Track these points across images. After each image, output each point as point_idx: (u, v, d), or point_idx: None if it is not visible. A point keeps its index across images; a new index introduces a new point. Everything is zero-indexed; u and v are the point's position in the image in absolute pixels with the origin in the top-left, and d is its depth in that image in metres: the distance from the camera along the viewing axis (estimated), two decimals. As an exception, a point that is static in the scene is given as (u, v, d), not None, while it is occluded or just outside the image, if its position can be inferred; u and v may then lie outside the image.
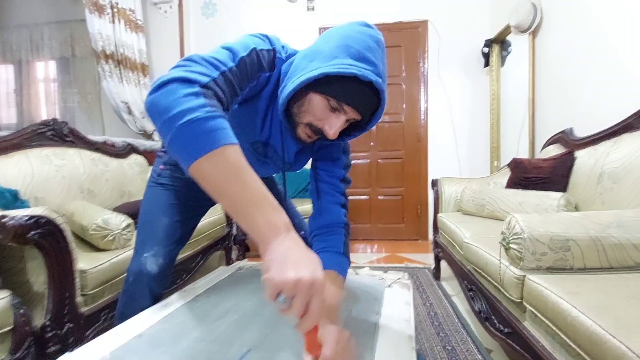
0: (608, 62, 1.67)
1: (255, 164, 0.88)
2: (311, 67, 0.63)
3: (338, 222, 0.87)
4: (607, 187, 1.35)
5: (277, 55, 0.73)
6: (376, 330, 0.77)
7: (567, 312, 0.79)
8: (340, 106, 0.65)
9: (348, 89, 0.63)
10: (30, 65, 3.46)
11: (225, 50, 0.64)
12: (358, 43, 0.64)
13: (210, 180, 0.51)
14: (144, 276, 0.91)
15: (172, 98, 0.50)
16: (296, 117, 0.70)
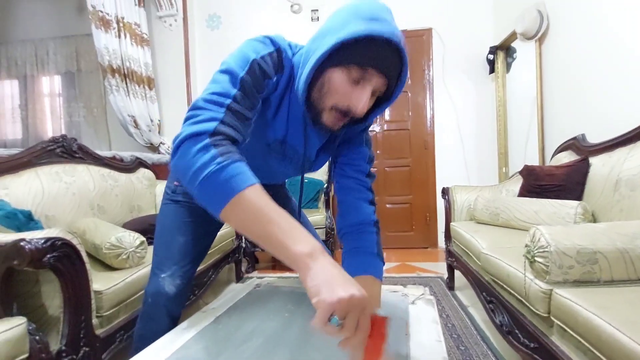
0: (617, 68, 1.66)
1: (275, 164, 0.86)
2: (325, 42, 0.60)
3: (368, 220, 0.84)
4: (625, 195, 1.33)
5: (284, 55, 0.70)
6: (408, 354, 0.75)
7: (600, 328, 0.77)
8: (364, 72, 0.61)
9: (368, 50, 0.59)
10: (35, 80, 3.48)
11: (225, 76, 0.63)
12: (368, 7, 0.61)
13: (238, 226, 0.55)
14: (162, 297, 0.89)
15: (187, 159, 0.55)
16: (319, 103, 0.66)
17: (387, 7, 0.65)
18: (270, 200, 0.54)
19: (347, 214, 0.85)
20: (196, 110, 0.60)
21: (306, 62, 0.64)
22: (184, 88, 3.14)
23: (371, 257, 0.81)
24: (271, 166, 0.87)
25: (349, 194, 0.85)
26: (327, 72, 0.63)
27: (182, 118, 2.29)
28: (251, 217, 0.53)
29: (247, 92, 0.63)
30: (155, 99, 2.98)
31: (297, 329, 0.85)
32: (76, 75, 3.38)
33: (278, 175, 0.95)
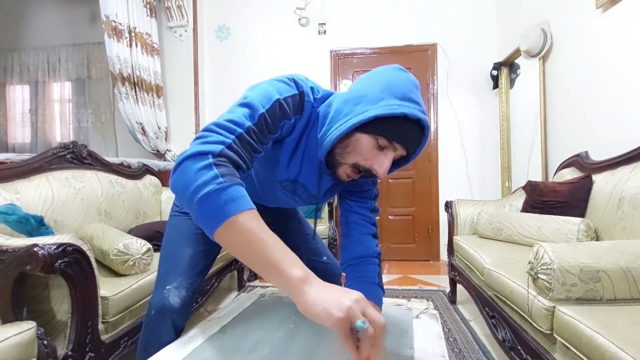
0: (620, 87, 1.69)
1: (283, 197, 0.90)
2: (358, 110, 0.65)
3: (371, 253, 0.88)
4: (628, 213, 1.34)
5: (306, 99, 0.74)
6: (413, 349, 0.76)
7: (604, 347, 0.78)
8: (391, 144, 0.66)
9: (398, 127, 0.65)
10: (46, 86, 3.55)
11: (244, 109, 0.66)
12: (401, 85, 0.67)
13: (230, 247, 0.56)
14: (167, 310, 0.88)
15: (188, 175, 0.56)
16: (339, 157, 0.70)
17: (417, 84, 0.71)
18: (265, 227, 0.56)
19: (352, 247, 0.90)
20: (206, 132, 0.62)
21: (336, 121, 0.68)
22: (191, 97, 3.19)
23: (373, 285, 0.86)
24: (279, 199, 0.91)
25: (354, 228, 0.90)
26: (356, 135, 0.67)
27: (189, 126, 2.38)
28: (245, 241, 0.54)
29: (262, 129, 0.66)
30: (163, 107, 3.02)
31: (303, 340, 0.86)
32: (86, 82, 3.45)
33: (284, 205, 0.98)
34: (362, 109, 0.65)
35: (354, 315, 0.48)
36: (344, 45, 3.22)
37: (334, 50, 3.23)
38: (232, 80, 3.30)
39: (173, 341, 0.86)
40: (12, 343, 0.85)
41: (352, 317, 0.48)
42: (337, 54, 3.24)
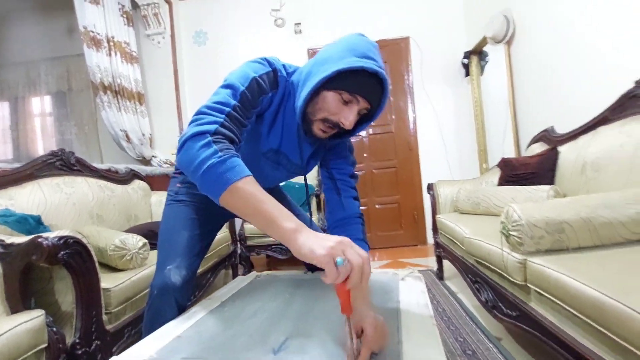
0: (579, 63, 1.82)
1: (269, 170, 0.97)
2: (323, 69, 0.74)
3: (354, 214, 0.96)
4: (591, 177, 1.46)
5: (279, 74, 0.83)
6: (399, 315, 0.83)
7: (569, 285, 0.87)
8: (353, 97, 0.75)
9: (358, 81, 0.73)
10: (26, 101, 3.51)
11: (227, 90, 0.75)
12: (361, 46, 0.75)
13: (235, 209, 0.65)
14: (169, 288, 0.93)
15: (192, 153, 0.66)
16: (311, 115, 0.79)
17: (376, 46, 0.80)
18: (261, 189, 0.64)
19: (336, 210, 0.98)
20: (200, 115, 0.71)
21: (306, 83, 0.77)
22: (173, 102, 3.22)
23: (357, 241, 0.92)
24: (265, 172, 0.98)
25: (336, 193, 0.99)
26: (323, 93, 0.76)
27: (172, 131, 2.47)
28: (245, 202, 0.63)
29: (245, 104, 0.75)
30: (146, 113, 3.05)
31: (299, 306, 0.94)
32: (67, 94, 3.44)
33: (271, 179, 1.05)
34: (327, 67, 0.73)
35: (334, 254, 0.53)
36: (320, 43, 3.31)
37: (311, 48, 3.32)
38: (213, 83, 3.31)
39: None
40: (23, 329, 0.89)
41: (333, 255, 0.53)
42: (314, 52, 3.33)
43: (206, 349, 0.72)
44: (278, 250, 2.47)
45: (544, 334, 0.99)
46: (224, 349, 0.71)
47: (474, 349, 1.34)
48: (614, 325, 0.72)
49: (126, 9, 2.99)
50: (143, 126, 2.95)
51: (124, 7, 2.96)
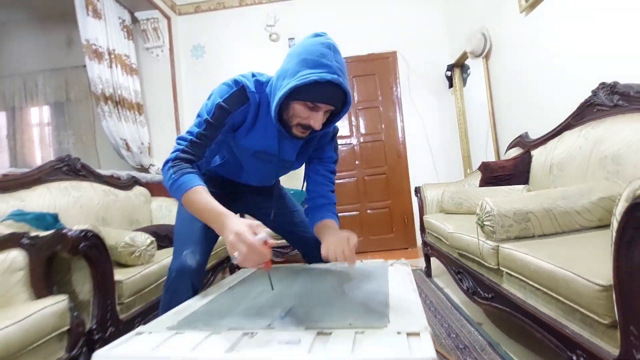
0: (548, 75, 2.01)
1: (262, 167, 1.13)
2: (284, 84, 0.86)
3: (331, 202, 1.17)
4: (557, 175, 1.63)
5: (248, 90, 0.96)
6: (387, 288, 0.97)
7: (531, 262, 1.02)
8: (315, 105, 0.88)
9: (316, 91, 0.85)
10: (24, 111, 3.59)
11: (197, 119, 0.96)
12: (312, 54, 0.85)
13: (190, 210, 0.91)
14: (186, 270, 1.06)
15: (164, 176, 0.93)
16: (288, 122, 0.94)
17: (332, 46, 0.88)
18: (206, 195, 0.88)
19: (316, 199, 1.16)
20: (179, 143, 0.95)
21: (274, 96, 0.90)
22: (172, 113, 3.34)
23: (332, 215, 1.14)
24: (261, 170, 1.14)
25: (318, 186, 1.16)
26: (292, 104, 0.90)
27: (170, 141, 2.70)
28: (193, 206, 0.89)
29: (211, 128, 0.95)
30: (145, 123, 3.16)
31: (300, 286, 1.06)
32: (65, 104, 3.52)
33: (266, 175, 1.20)
34: (285, 83, 0.85)
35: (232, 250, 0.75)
36: (313, 57, 3.49)
37: (304, 61, 3.49)
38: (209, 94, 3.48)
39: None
40: (49, 312, 0.99)
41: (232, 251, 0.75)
42: (307, 65, 3.50)
43: (221, 319, 0.83)
44: (275, 253, 2.57)
45: (514, 309, 1.13)
46: (236, 318, 0.83)
47: (457, 333, 1.47)
48: (563, 289, 0.86)
49: (126, 24, 3.13)
50: (142, 135, 3.05)
51: (124, 22, 3.10)
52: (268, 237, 0.77)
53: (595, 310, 0.77)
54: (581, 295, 0.80)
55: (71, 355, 1.05)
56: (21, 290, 1.05)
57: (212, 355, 0.64)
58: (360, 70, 3.48)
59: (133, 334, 0.78)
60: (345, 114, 1.02)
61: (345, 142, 3.50)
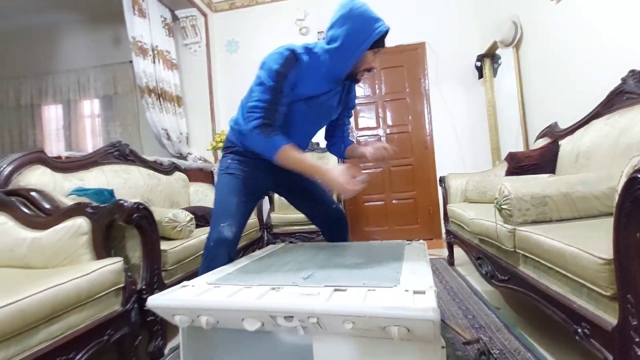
0: (580, 64, 1.97)
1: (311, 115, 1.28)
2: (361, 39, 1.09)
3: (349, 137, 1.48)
4: (583, 164, 1.62)
5: (297, 52, 1.14)
6: (403, 255, 1.06)
7: (543, 242, 1.06)
8: (379, 50, 1.16)
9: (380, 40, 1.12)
10: (77, 104, 3.95)
11: (260, 87, 1.13)
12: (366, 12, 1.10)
13: (284, 164, 1.14)
14: (223, 240, 1.20)
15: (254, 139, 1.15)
16: (356, 69, 1.18)
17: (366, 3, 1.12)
18: (295, 151, 1.12)
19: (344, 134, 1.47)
20: (250, 113, 1.14)
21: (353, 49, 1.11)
22: (207, 105, 3.54)
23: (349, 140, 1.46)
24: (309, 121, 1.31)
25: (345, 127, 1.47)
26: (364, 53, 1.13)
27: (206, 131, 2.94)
28: (288, 159, 1.12)
29: (275, 94, 1.13)
30: (184, 114, 3.38)
31: (322, 258, 1.17)
32: (113, 97, 3.84)
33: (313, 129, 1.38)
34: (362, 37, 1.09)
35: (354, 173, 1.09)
36: (341, 50, 3.56)
37: (333, 54, 3.57)
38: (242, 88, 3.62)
39: None
40: (108, 270, 1.17)
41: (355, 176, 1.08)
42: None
43: (252, 278, 0.96)
44: (301, 237, 2.70)
45: (528, 289, 1.18)
46: (265, 278, 0.95)
47: (474, 315, 1.52)
48: (570, 265, 0.91)
49: (167, 21, 3.35)
50: (181, 126, 3.28)
51: (165, 20, 3.32)
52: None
53: (598, 284, 0.81)
54: (586, 269, 0.85)
55: (125, 308, 1.22)
56: (85, 252, 1.23)
57: (244, 301, 0.77)
58: (388, 62, 3.50)
59: (179, 286, 0.93)
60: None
61: (372, 133, 3.55)
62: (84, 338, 1.06)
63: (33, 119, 4.02)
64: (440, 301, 1.71)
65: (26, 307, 0.89)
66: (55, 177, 1.61)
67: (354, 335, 0.74)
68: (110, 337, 1.14)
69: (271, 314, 0.74)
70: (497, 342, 1.25)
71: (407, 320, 0.65)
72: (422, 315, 0.64)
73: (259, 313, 0.75)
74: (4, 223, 1.28)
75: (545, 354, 1.15)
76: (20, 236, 1.26)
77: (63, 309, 1.00)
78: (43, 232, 1.25)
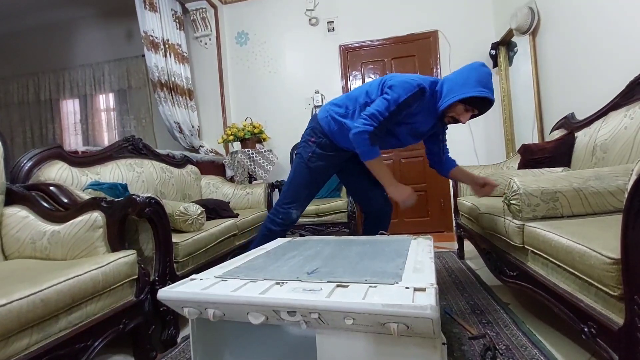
0: (599, 53, 1.89)
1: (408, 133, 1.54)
2: (463, 90, 1.32)
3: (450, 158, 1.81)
4: (600, 157, 1.57)
5: (425, 89, 1.39)
6: (408, 251, 1.06)
7: (551, 239, 1.04)
8: (471, 109, 1.37)
9: (478, 101, 1.34)
10: (94, 98, 4.04)
11: (386, 102, 1.38)
12: (485, 78, 1.33)
13: (371, 170, 1.48)
14: (291, 221, 1.60)
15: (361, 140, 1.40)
16: (446, 113, 1.41)
17: (491, 73, 1.36)
18: (383, 164, 1.48)
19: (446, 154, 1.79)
20: (367, 119, 1.38)
21: (448, 95, 1.36)
22: (218, 97, 3.57)
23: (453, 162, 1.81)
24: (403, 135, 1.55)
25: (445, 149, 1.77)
26: (457, 104, 1.36)
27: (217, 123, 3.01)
28: (375, 168, 1.46)
29: (393, 116, 1.39)
30: (195, 107, 3.42)
31: (328, 252, 1.18)
32: (127, 92, 3.91)
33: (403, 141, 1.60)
34: (464, 90, 1.32)
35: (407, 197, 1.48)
36: (351, 40, 3.52)
37: (343, 45, 3.53)
38: (252, 79, 3.67)
39: None
40: (122, 262, 1.21)
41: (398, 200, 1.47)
42: (345, 48, 3.54)
43: (257, 272, 0.98)
44: (311, 229, 2.73)
45: (536, 286, 1.16)
46: (270, 272, 0.97)
47: (482, 310, 1.51)
48: (578, 263, 0.89)
49: (178, 15, 3.37)
50: (192, 119, 3.32)
51: (176, 13, 3.34)
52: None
53: (606, 283, 0.80)
54: (594, 268, 0.83)
55: (139, 299, 1.27)
56: (100, 245, 1.28)
57: (248, 296, 0.79)
58: (399, 52, 3.44)
59: (188, 280, 0.96)
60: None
61: (383, 125, 3.52)
62: (101, 326, 1.11)
63: (52, 113, 4.14)
64: (449, 295, 1.71)
65: (47, 297, 0.94)
66: (73, 171, 1.67)
67: (355, 330, 0.75)
68: (125, 326, 1.20)
69: (274, 308, 0.76)
70: (504, 338, 1.25)
71: (406, 318, 0.66)
72: (421, 313, 0.64)
73: (262, 307, 0.78)
74: (26, 216, 1.34)
75: (552, 351, 1.14)
76: (40, 229, 1.32)
77: (81, 299, 1.05)
78: (61, 226, 1.30)
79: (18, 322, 0.86)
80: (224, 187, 2.82)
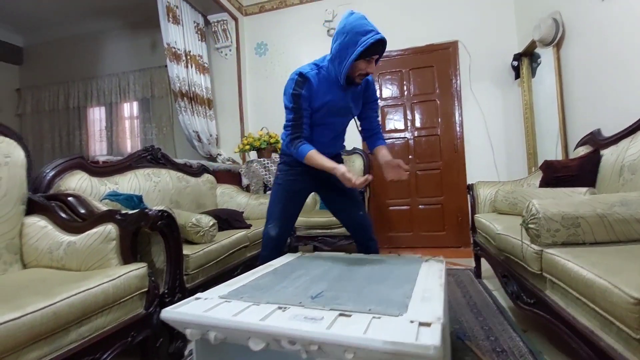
0: (628, 67, 1.80)
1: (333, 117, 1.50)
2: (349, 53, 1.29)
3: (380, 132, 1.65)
4: (628, 179, 1.48)
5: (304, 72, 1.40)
6: (417, 275, 1.03)
7: (571, 269, 0.98)
8: (371, 58, 1.32)
9: (370, 50, 1.28)
10: (119, 106, 4.20)
11: (286, 111, 1.42)
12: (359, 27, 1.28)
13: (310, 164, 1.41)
14: (270, 237, 1.57)
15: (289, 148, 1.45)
16: (352, 76, 1.37)
17: (364, 16, 1.32)
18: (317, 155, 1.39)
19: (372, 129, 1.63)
20: (285, 130, 1.45)
21: (343, 61, 1.32)
22: (236, 107, 3.63)
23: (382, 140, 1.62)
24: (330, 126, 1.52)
25: (373, 121, 1.63)
26: (355, 63, 1.32)
27: (235, 132, 3.07)
28: (312, 161, 1.39)
29: (298, 113, 1.41)
30: (214, 117, 3.49)
31: (336, 273, 1.16)
32: (150, 100, 4.05)
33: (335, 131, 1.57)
34: (350, 51, 1.29)
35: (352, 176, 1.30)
36: (369, 51, 3.50)
37: (361, 55, 3.52)
38: (270, 90, 3.71)
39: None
40: (133, 274, 1.23)
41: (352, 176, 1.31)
42: (363, 59, 3.52)
43: (262, 294, 0.97)
44: (324, 241, 2.71)
45: (554, 316, 1.10)
46: (275, 295, 0.96)
47: (497, 336, 1.45)
48: (599, 299, 0.84)
49: (200, 26, 3.46)
50: (211, 128, 3.39)
51: (198, 25, 3.44)
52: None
53: (628, 324, 0.75)
54: (615, 306, 0.78)
55: (148, 312, 1.29)
56: (113, 257, 1.31)
57: (248, 321, 0.78)
58: (418, 62, 3.40)
59: (193, 298, 0.97)
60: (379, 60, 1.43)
61: (399, 136, 3.47)
62: (110, 339, 1.13)
63: (80, 121, 4.33)
64: (463, 318, 1.65)
65: (60, 310, 0.97)
66: (92, 181, 1.72)
67: (356, 363, 0.73)
68: (133, 338, 1.21)
69: (274, 337, 0.75)
70: (519, 369, 1.18)
71: (408, 357, 0.63)
72: (424, 354, 0.62)
73: (262, 335, 0.77)
74: (45, 226, 1.39)
75: (571, 387, 1.07)
76: (58, 239, 1.36)
77: (92, 312, 1.07)
78: (78, 236, 1.34)
79: (30, 335, 0.89)
80: (238, 196, 2.85)
